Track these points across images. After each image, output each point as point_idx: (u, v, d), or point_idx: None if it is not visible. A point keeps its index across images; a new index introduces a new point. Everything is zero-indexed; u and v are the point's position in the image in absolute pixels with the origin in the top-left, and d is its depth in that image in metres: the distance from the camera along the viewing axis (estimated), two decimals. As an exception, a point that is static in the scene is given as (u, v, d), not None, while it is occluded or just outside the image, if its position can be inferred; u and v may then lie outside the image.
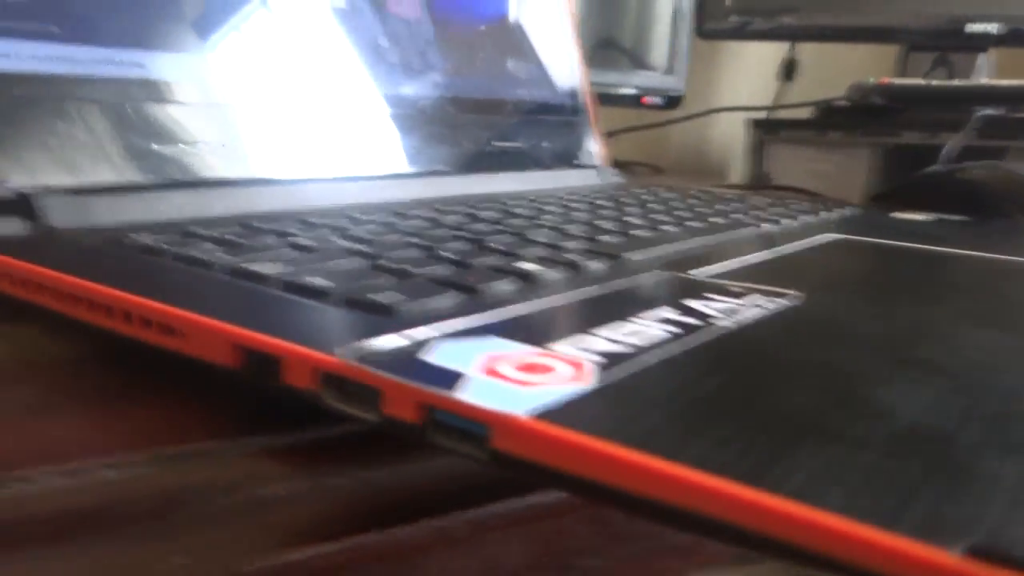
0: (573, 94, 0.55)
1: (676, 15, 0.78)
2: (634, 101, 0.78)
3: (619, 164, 0.97)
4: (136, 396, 0.17)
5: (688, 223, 0.35)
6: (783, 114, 0.95)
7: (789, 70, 0.93)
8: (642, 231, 0.32)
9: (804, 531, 0.09)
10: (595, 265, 0.25)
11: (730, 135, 1.05)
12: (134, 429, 0.15)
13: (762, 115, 0.95)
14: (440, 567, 0.16)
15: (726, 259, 0.27)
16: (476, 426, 0.12)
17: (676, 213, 0.38)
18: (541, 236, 0.29)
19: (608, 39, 0.76)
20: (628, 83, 0.76)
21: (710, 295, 0.20)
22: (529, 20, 0.51)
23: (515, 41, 0.50)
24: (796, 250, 0.30)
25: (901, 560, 0.09)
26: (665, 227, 0.33)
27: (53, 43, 0.31)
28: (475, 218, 0.33)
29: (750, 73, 1.04)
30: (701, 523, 0.10)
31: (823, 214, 0.41)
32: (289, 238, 0.26)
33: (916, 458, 0.11)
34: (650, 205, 0.41)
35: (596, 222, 0.33)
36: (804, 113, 0.91)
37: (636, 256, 0.26)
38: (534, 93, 0.52)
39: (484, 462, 0.12)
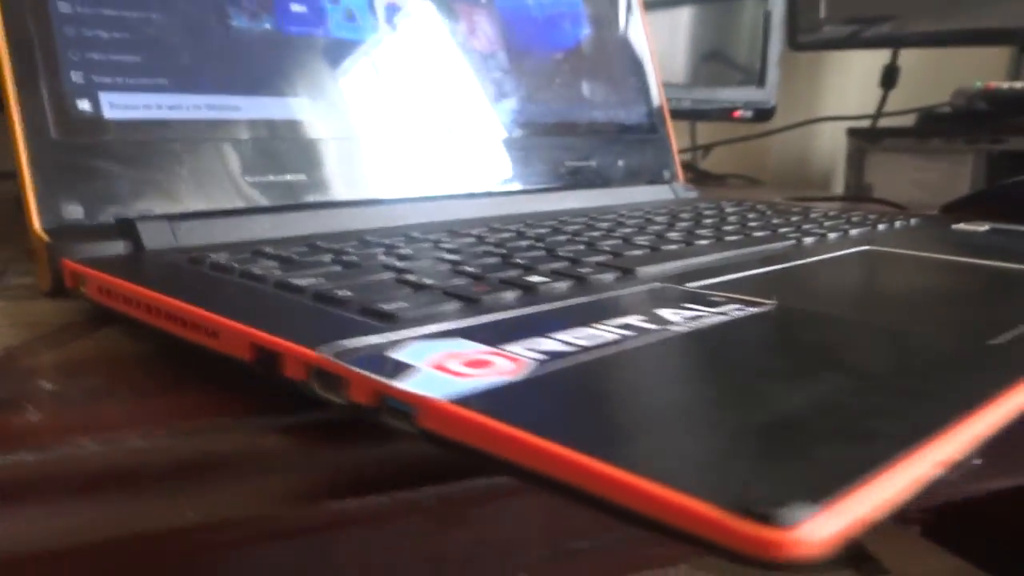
0: (649, 113, 0.57)
1: (767, 28, 0.78)
2: (724, 115, 0.79)
3: (716, 176, 0.97)
4: (181, 384, 0.21)
5: (728, 237, 0.36)
6: (885, 122, 0.93)
7: (890, 77, 0.91)
8: (675, 245, 0.34)
9: (621, 491, 0.12)
10: (604, 277, 0.27)
11: (833, 145, 1.03)
12: (169, 410, 0.19)
13: (863, 124, 0.94)
14: (415, 538, 0.19)
15: (740, 271, 0.29)
16: (409, 408, 0.15)
17: (725, 227, 0.39)
18: (570, 251, 0.31)
19: (699, 54, 0.77)
20: (717, 98, 0.77)
21: (689, 305, 0.22)
22: (606, 44, 0.54)
23: (591, 64, 0.53)
24: (815, 262, 0.31)
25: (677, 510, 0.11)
26: (701, 241, 0.35)
27: (164, 94, 0.36)
28: (521, 235, 0.36)
29: (853, 81, 1.02)
30: (556, 486, 0.13)
31: (881, 226, 0.42)
32: (342, 256, 0.30)
33: (747, 440, 0.13)
34: (705, 220, 0.43)
35: (636, 238, 0.35)
36: (907, 121, 0.89)
37: (650, 269, 0.28)
38: (610, 114, 0.54)
39: (417, 438, 0.15)
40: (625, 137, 0.55)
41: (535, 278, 0.26)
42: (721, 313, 0.21)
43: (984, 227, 0.42)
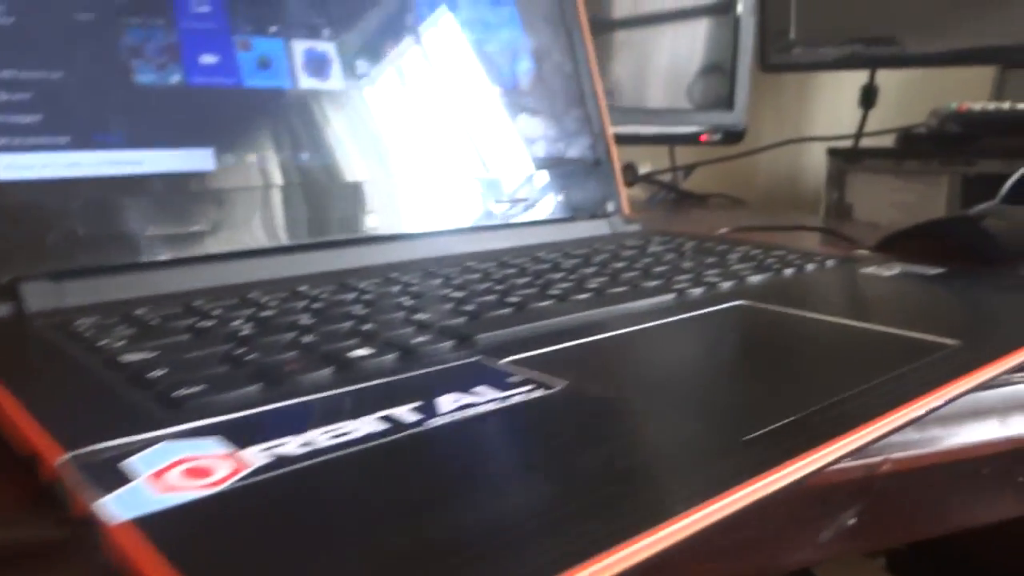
0: (592, 146, 0.57)
1: (735, 50, 0.78)
2: (692, 139, 0.78)
3: (698, 197, 0.97)
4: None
5: (614, 289, 0.36)
6: (867, 142, 0.92)
7: (869, 97, 0.90)
8: (548, 301, 0.34)
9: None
10: (437, 348, 0.27)
11: (821, 165, 1.02)
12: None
13: (845, 144, 0.92)
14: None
15: (581, 337, 0.29)
16: (100, 529, 0.16)
17: (624, 275, 0.39)
18: (427, 314, 0.31)
19: (666, 78, 0.77)
20: (684, 122, 0.76)
21: (480, 388, 0.23)
22: (545, 77, 0.54)
23: (528, 99, 0.53)
24: (667, 324, 0.31)
25: None
26: (581, 295, 0.35)
27: (64, 152, 0.37)
28: (392, 291, 0.36)
29: (842, 101, 1.01)
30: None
31: (788, 270, 0.41)
32: (203, 319, 0.31)
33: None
34: (614, 264, 0.43)
35: (517, 292, 0.35)
36: (888, 141, 0.88)
37: (491, 336, 0.29)
38: (548, 149, 0.54)
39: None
40: (564, 171, 0.55)
41: (358, 352, 0.26)
42: (503, 398, 0.22)
43: (895, 270, 0.42)
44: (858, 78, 0.94)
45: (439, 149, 0.48)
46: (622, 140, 0.84)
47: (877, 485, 0.30)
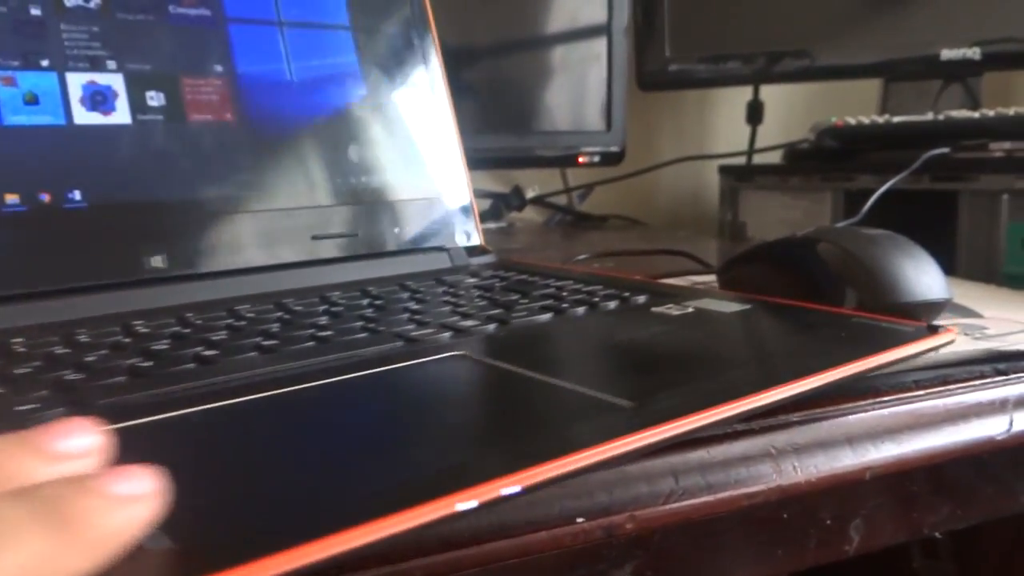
0: (440, 174, 0.53)
1: (610, 69, 0.76)
2: (568, 161, 0.76)
3: (597, 218, 0.95)
4: None
5: (341, 337, 0.33)
6: (758, 159, 0.90)
7: (755, 113, 0.88)
8: (250, 353, 0.31)
9: None
10: (49, 414, 0.24)
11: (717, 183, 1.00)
12: None
13: (735, 161, 0.91)
14: None
15: (236, 397, 0.26)
16: None
17: (390, 317, 0.36)
18: (77, 375, 0.28)
19: (540, 100, 0.75)
20: (559, 144, 0.74)
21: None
22: (384, 104, 0.50)
23: (361, 127, 0.49)
24: (346, 380, 0.28)
25: None
26: (300, 344, 0.32)
27: None
28: (101, 343, 0.32)
29: (731, 117, 1.00)
30: None
31: (581, 309, 0.38)
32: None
33: None
34: (399, 304, 0.39)
35: (224, 339, 0.32)
36: (776, 157, 0.87)
37: (107, 401, 0.26)
38: (385, 178, 0.50)
39: None
40: (405, 201, 0.51)
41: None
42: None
43: (689, 308, 0.39)
44: (749, 94, 0.93)
45: (251, 180, 0.44)
46: (500, 164, 0.82)
47: (655, 540, 0.28)
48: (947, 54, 0.76)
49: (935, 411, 0.32)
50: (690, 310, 0.38)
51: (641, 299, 0.41)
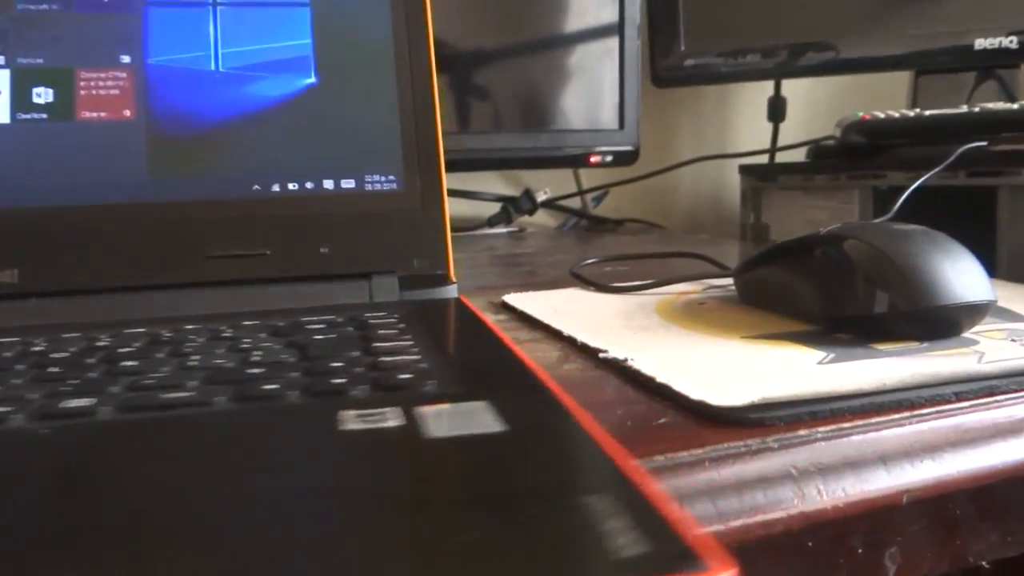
0: (405, 182, 0.42)
1: (622, 65, 0.72)
2: (580, 161, 0.73)
3: (614, 222, 0.91)
4: None
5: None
6: (781, 158, 0.86)
7: (777, 110, 0.84)
8: None
9: None
10: None
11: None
12: None
13: (758, 160, 0.87)
14: None
15: None
16: None
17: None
18: None
19: (551, 98, 0.72)
20: (570, 143, 0.71)
21: None
22: (347, 97, 0.41)
23: (313, 119, 0.41)
24: None
25: None
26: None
27: None
28: None
29: (754, 115, 0.96)
30: None
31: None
32: None
33: None
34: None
35: None
36: (800, 155, 0.83)
37: None
38: (324, 187, 0.40)
39: None
40: (338, 216, 0.40)
41: None
42: None
43: (395, 421, 0.25)
44: (771, 90, 0.89)
45: (141, 186, 0.38)
46: (508, 164, 0.79)
47: None
48: (981, 43, 0.72)
49: (981, 426, 0.29)
50: (394, 423, 0.22)
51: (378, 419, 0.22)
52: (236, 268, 0.38)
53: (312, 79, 0.41)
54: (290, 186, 0.40)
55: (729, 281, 0.47)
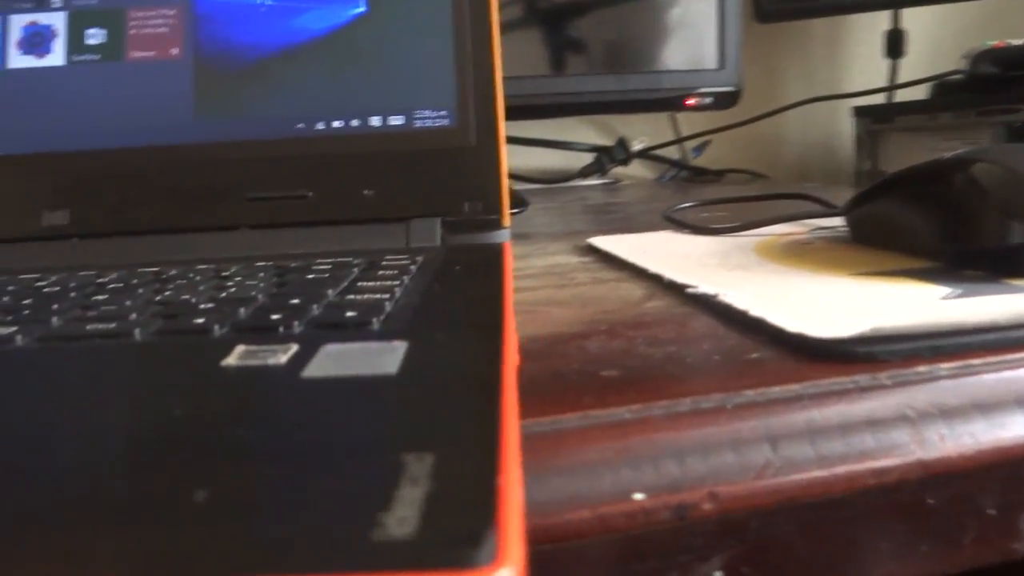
0: (457, 120, 0.37)
1: (723, 3, 0.67)
2: (675, 104, 0.69)
3: (714, 173, 0.86)
4: None
5: None
6: (900, 96, 0.79)
7: (895, 44, 0.77)
8: None
9: None
10: None
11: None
12: None
13: (874, 100, 0.80)
14: None
15: None
16: None
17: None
18: None
19: (639, 35, 0.67)
20: (664, 85, 0.67)
21: None
22: (389, 27, 0.38)
23: (361, 53, 0.38)
24: None
25: None
26: None
27: None
28: None
29: (869, 51, 0.88)
30: None
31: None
32: None
33: None
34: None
35: None
36: (921, 93, 0.75)
37: None
38: (372, 126, 0.37)
39: None
40: (384, 155, 0.37)
41: None
42: None
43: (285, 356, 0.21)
44: (888, 22, 0.81)
45: (183, 125, 0.37)
46: (595, 108, 0.75)
47: (751, 527, 0.21)
48: None
49: None
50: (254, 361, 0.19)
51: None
52: (275, 210, 0.36)
53: (361, 8, 0.38)
54: (335, 124, 0.37)
55: (839, 223, 0.43)
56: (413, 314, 0.23)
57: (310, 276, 0.27)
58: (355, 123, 0.37)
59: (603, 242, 0.43)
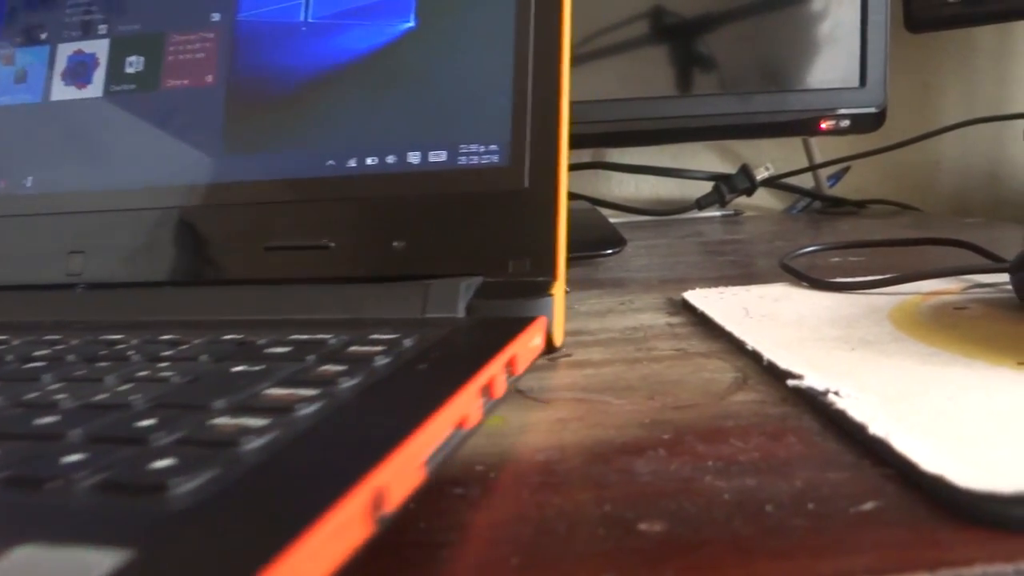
0: (507, 163, 0.31)
1: (864, 8, 0.58)
2: (806, 128, 0.60)
3: (854, 203, 0.77)
4: None
5: None
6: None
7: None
8: None
9: None
10: None
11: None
12: None
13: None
14: None
15: None
16: None
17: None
18: None
19: (766, 49, 0.60)
20: (793, 106, 0.59)
21: None
22: (451, 39, 0.32)
23: (409, 79, 0.32)
24: None
25: None
26: None
27: None
28: None
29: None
30: None
31: None
32: None
33: None
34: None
35: None
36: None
37: None
38: (409, 164, 0.32)
39: None
40: (428, 200, 0.31)
41: None
42: None
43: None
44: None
45: (208, 165, 0.33)
46: (711, 134, 0.67)
47: None
48: None
49: None
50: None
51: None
52: (291, 263, 0.31)
53: (410, 22, 0.32)
54: (368, 161, 0.32)
55: (1004, 279, 0.34)
56: (249, 475, 0.15)
57: (239, 368, 0.21)
58: (391, 159, 0.31)
59: (699, 298, 0.36)
